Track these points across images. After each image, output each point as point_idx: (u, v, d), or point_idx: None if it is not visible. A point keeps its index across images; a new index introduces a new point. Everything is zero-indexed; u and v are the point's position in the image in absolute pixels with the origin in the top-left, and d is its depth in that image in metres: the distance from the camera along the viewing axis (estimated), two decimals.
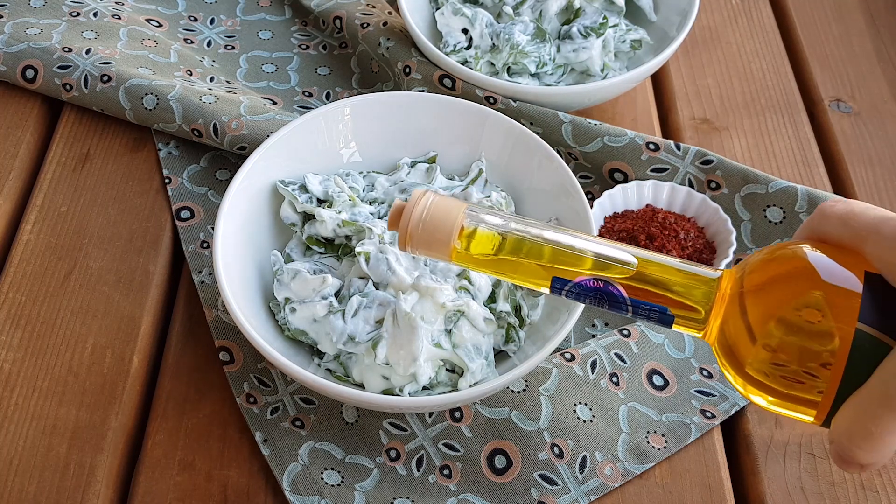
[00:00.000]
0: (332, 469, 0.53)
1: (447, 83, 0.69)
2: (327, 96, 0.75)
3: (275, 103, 0.72)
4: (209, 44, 0.77)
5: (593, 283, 0.44)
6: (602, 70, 0.72)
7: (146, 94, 0.68)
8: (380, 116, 0.62)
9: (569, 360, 0.57)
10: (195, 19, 0.79)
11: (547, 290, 0.46)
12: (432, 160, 0.62)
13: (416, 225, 0.46)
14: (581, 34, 0.71)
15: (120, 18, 0.75)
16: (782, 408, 0.42)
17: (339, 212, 0.57)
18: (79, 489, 0.52)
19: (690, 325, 0.44)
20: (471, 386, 0.53)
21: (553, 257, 0.45)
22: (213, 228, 0.56)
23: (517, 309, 0.57)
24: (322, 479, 0.53)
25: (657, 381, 0.58)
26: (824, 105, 0.76)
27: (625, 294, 0.44)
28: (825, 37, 0.81)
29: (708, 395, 0.58)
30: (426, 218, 0.46)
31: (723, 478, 0.55)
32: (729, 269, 0.43)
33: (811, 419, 0.42)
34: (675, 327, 0.44)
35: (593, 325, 0.61)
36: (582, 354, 0.57)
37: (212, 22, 0.79)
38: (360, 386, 0.54)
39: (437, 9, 0.74)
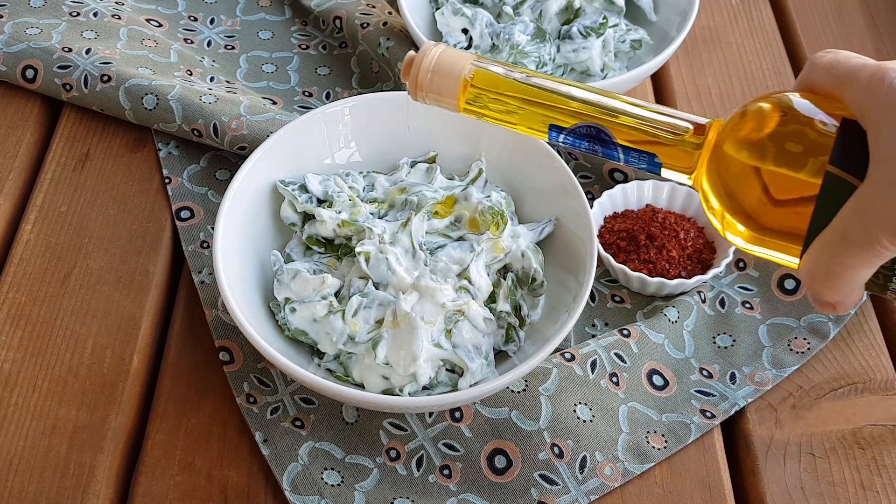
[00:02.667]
0: (332, 469, 0.53)
1: None
2: (327, 96, 0.74)
3: (275, 103, 0.72)
4: (209, 44, 0.77)
5: (587, 130, 0.46)
6: (602, 70, 0.72)
7: (146, 94, 0.68)
8: (380, 116, 0.62)
9: (569, 360, 0.57)
10: (195, 19, 0.79)
11: (545, 138, 0.48)
12: (432, 160, 0.62)
13: (426, 71, 0.48)
14: (581, 34, 0.71)
15: (120, 18, 0.75)
16: (762, 245, 0.44)
17: (339, 212, 0.57)
18: (79, 489, 0.52)
19: (679, 170, 0.46)
20: (471, 386, 0.53)
21: (551, 104, 0.47)
22: (213, 228, 0.56)
23: (517, 309, 0.57)
24: (322, 479, 0.53)
25: (657, 381, 0.58)
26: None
27: (615, 140, 0.46)
28: (825, 37, 0.81)
29: (708, 395, 0.58)
30: (435, 66, 0.48)
31: (723, 478, 0.55)
32: (717, 119, 0.46)
33: (792, 260, 0.43)
34: (664, 172, 0.46)
35: (593, 325, 0.61)
36: (582, 354, 0.57)
37: (212, 22, 0.79)
38: (360, 386, 0.54)
39: (437, 9, 0.74)
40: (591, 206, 0.63)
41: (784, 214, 0.42)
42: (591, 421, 0.55)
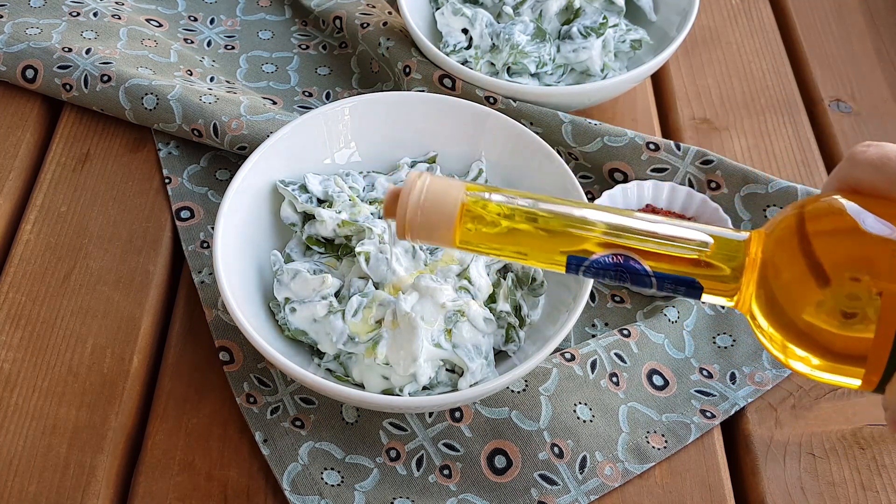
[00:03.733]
0: (332, 469, 0.53)
1: (447, 83, 0.69)
2: (327, 96, 0.75)
3: (275, 103, 0.72)
4: (209, 44, 0.77)
5: (613, 259, 0.41)
6: (602, 70, 0.72)
7: (146, 94, 0.68)
8: (380, 116, 0.62)
9: (569, 360, 0.57)
10: (195, 19, 0.79)
11: (562, 270, 0.42)
12: (432, 160, 0.62)
13: (414, 211, 0.42)
14: (581, 34, 0.71)
15: (120, 18, 0.75)
16: (828, 371, 0.39)
17: (339, 212, 0.57)
18: (79, 489, 0.52)
19: (721, 293, 0.41)
20: (471, 386, 0.53)
21: (565, 233, 0.41)
22: (213, 228, 0.56)
23: (517, 309, 0.57)
24: (322, 479, 0.53)
25: (657, 381, 0.58)
26: (824, 105, 0.76)
27: (647, 268, 0.41)
28: (825, 37, 0.81)
29: (708, 395, 0.58)
30: (424, 203, 0.42)
31: (723, 478, 0.55)
32: (755, 230, 0.40)
33: (858, 384, 0.39)
34: (705, 296, 0.41)
35: (593, 325, 0.61)
36: (582, 354, 0.57)
37: (212, 22, 0.79)
38: (360, 386, 0.54)
39: (437, 9, 0.74)
40: None
41: (855, 339, 0.37)
42: (591, 421, 0.55)
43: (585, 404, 0.56)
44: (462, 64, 0.71)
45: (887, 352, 0.37)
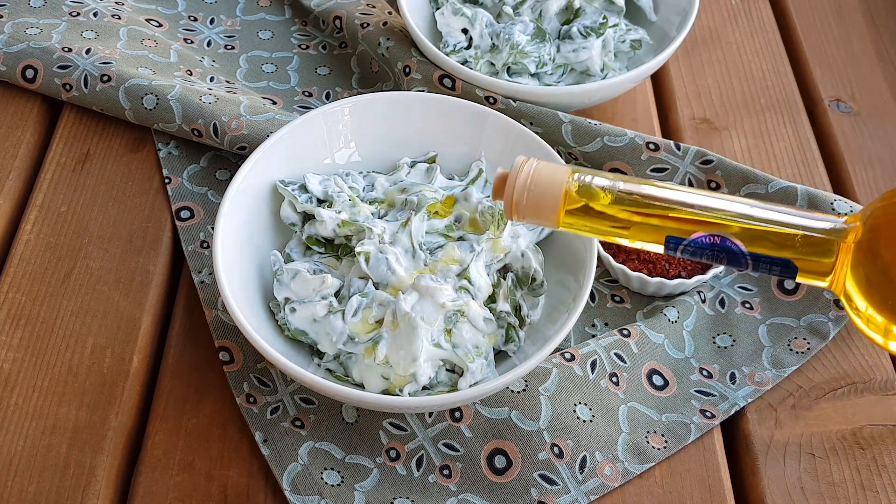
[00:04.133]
0: (332, 469, 0.53)
1: (447, 83, 0.69)
2: (327, 96, 0.75)
3: (275, 103, 0.72)
4: (209, 44, 0.77)
5: (710, 240, 0.43)
6: (602, 70, 0.72)
7: (146, 94, 0.68)
8: (380, 116, 0.62)
9: (569, 360, 0.57)
10: (195, 19, 0.79)
11: (661, 249, 0.45)
12: (432, 160, 0.62)
13: (521, 193, 0.45)
14: (581, 34, 0.71)
15: (120, 18, 0.75)
16: None
17: (339, 212, 0.57)
18: (79, 489, 0.52)
19: (816, 276, 0.43)
20: (470, 386, 0.53)
21: (666, 215, 0.44)
22: (213, 228, 0.56)
23: (517, 309, 0.57)
24: (322, 479, 0.53)
25: (657, 381, 0.58)
26: (824, 105, 0.76)
27: (743, 248, 0.43)
28: (825, 37, 0.81)
29: (708, 395, 0.58)
30: (531, 185, 0.45)
31: (723, 478, 0.55)
32: (852, 214, 0.42)
33: None
34: (799, 278, 0.43)
35: (593, 325, 0.61)
36: (582, 354, 0.57)
37: (212, 22, 0.79)
38: (360, 386, 0.54)
39: (437, 9, 0.74)
40: None
41: None
42: (591, 421, 0.55)
43: (585, 404, 0.56)
44: (462, 64, 0.71)
45: None
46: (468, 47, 0.71)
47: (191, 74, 0.72)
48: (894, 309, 0.40)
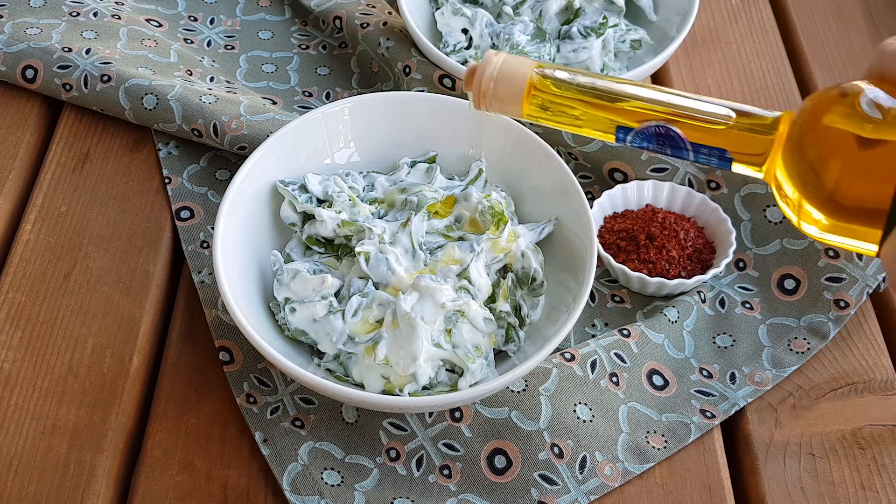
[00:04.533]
0: (332, 469, 0.53)
1: (447, 83, 0.69)
2: (327, 96, 0.75)
3: (275, 103, 0.72)
4: (209, 44, 0.77)
5: (655, 129, 0.47)
6: (602, 70, 0.72)
7: (146, 94, 0.68)
8: (380, 116, 0.62)
9: (569, 360, 0.57)
10: (195, 19, 0.79)
11: (612, 140, 0.49)
12: (432, 160, 0.62)
13: (488, 83, 0.49)
14: (581, 34, 0.71)
15: (120, 18, 0.75)
16: (839, 233, 0.44)
17: (339, 212, 0.57)
18: (79, 489, 0.52)
19: (751, 164, 0.46)
20: (470, 386, 0.53)
21: (617, 106, 0.48)
22: (213, 228, 0.56)
23: (517, 309, 0.57)
24: (322, 479, 0.53)
25: (657, 381, 0.58)
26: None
27: (685, 138, 0.46)
28: (825, 37, 0.81)
29: (708, 395, 0.58)
30: (498, 75, 0.49)
31: (723, 478, 0.55)
32: (788, 111, 0.46)
33: (870, 247, 0.43)
34: (735, 167, 0.46)
35: (593, 325, 0.61)
36: (582, 354, 0.57)
37: (212, 22, 0.79)
38: (360, 386, 0.54)
39: (437, 9, 0.74)
40: (591, 206, 0.63)
41: (864, 199, 0.42)
42: (591, 421, 0.55)
43: (585, 404, 0.56)
44: (462, 64, 0.71)
45: (887, 205, 0.42)
46: (468, 47, 0.71)
47: (191, 74, 0.72)
48: (819, 196, 0.43)
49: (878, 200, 0.42)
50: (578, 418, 0.55)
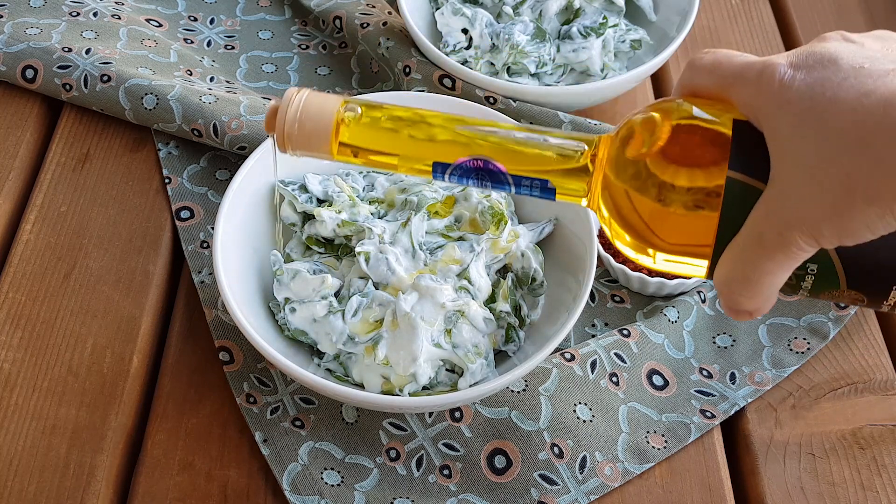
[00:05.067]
0: (332, 469, 0.53)
1: (447, 83, 0.69)
2: None
3: None
4: (209, 44, 0.77)
5: (474, 164, 0.44)
6: (602, 70, 0.72)
7: (146, 94, 0.68)
8: None
9: (569, 360, 0.57)
10: (195, 19, 0.79)
11: (429, 177, 0.45)
12: None
13: (291, 124, 0.44)
14: (581, 34, 0.71)
15: (120, 18, 0.75)
16: (671, 262, 0.42)
17: (339, 212, 0.58)
18: (79, 489, 0.52)
19: (574, 196, 0.44)
20: (471, 386, 0.53)
21: (431, 140, 0.44)
22: (213, 228, 0.56)
23: (517, 309, 0.57)
24: (322, 479, 0.53)
25: (657, 381, 0.58)
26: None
27: (505, 170, 0.44)
28: None
29: (708, 395, 0.58)
30: (301, 116, 0.44)
31: (723, 478, 0.55)
32: (606, 134, 0.44)
33: (699, 272, 0.42)
34: (559, 197, 0.44)
35: (593, 325, 0.61)
36: (582, 354, 0.57)
37: (212, 22, 0.79)
38: (360, 386, 0.54)
39: (437, 9, 0.74)
40: None
41: (688, 228, 0.41)
42: (591, 421, 0.55)
43: (585, 404, 0.56)
44: (462, 64, 0.71)
45: (710, 247, 0.41)
46: (468, 47, 0.71)
47: (191, 74, 0.72)
48: (630, 217, 0.42)
49: (702, 232, 0.40)
50: (578, 418, 0.55)
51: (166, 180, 0.67)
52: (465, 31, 0.72)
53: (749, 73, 0.39)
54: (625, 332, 0.59)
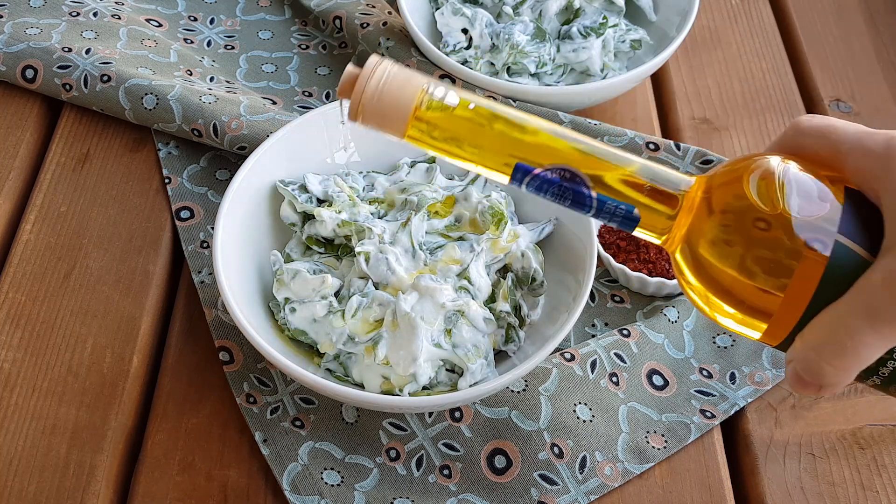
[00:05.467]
0: (332, 469, 0.53)
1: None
2: (327, 96, 0.75)
3: (275, 103, 0.72)
4: (209, 44, 0.77)
5: (559, 174, 0.41)
6: (602, 70, 0.72)
7: (146, 94, 0.68)
8: None
9: (569, 360, 0.57)
10: (195, 19, 0.79)
11: (506, 179, 0.42)
12: (432, 160, 0.62)
13: (371, 95, 0.41)
14: (581, 34, 0.71)
15: (120, 18, 0.75)
16: (737, 322, 0.41)
17: (339, 212, 0.58)
18: (79, 489, 0.52)
19: (653, 231, 0.42)
20: (470, 386, 0.53)
21: (519, 140, 0.41)
22: (213, 228, 0.56)
23: (517, 309, 0.57)
24: (322, 478, 0.53)
25: (657, 381, 0.58)
26: (824, 105, 0.76)
27: (591, 189, 0.41)
28: (825, 37, 0.81)
29: (708, 395, 0.58)
30: (382, 91, 0.41)
31: (723, 478, 0.55)
32: (703, 175, 0.42)
33: (759, 335, 0.41)
34: (636, 231, 0.42)
35: (593, 325, 0.61)
36: (582, 354, 0.57)
37: (212, 22, 0.79)
38: (360, 386, 0.54)
39: (437, 9, 0.74)
40: None
41: (774, 287, 0.39)
42: (590, 421, 0.55)
43: (585, 404, 0.56)
44: (462, 64, 0.71)
45: (799, 313, 0.39)
46: (468, 47, 0.71)
47: (191, 74, 0.72)
48: (711, 269, 0.40)
49: (793, 297, 0.39)
50: (578, 418, 0.55)
51: (166, 180, 0.67)
52: (465, 31, 0.72)
53: (870, 143, 0.39)
54: (625, 332, 0.59)
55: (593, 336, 0.60)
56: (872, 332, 0.37)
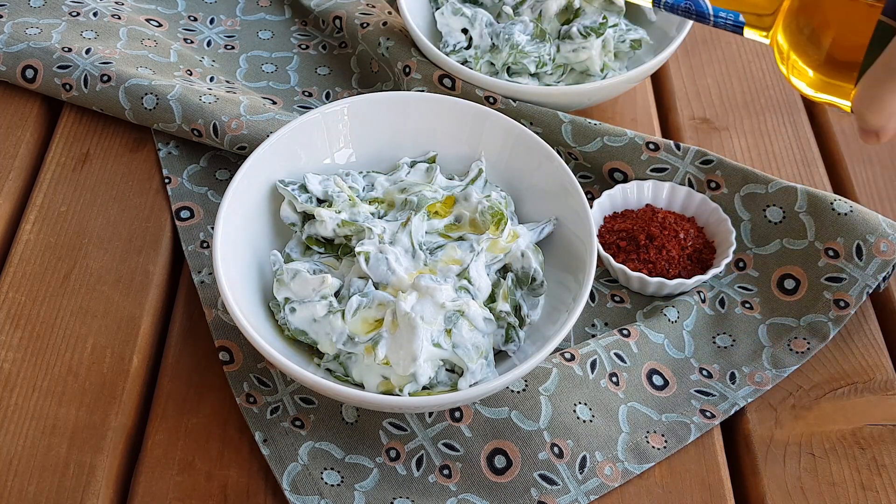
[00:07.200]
0: (332, 469, 0.53)
1: (447, 83, 0.69)
2: (327, 96, 0.75)
3: (275, 103, 0.72)
4: (209, 44, 0.77)
5: None
6: (602, 70, 0.72)
7: (146, 94, 0.68)
8: (379, 116, 0.62)
9: (568, 360, 0.57)
10: (195, 19, 0.79)
11: (650, 1, 0.54)
12: (432, 160, 0.62)
13: None
14: (581, 34, 0.71)
15: (120, 18, 0.75)
16: (823, 90, 0.50)
17: (339, 212, 0.58)
18: (79, 489, 0.52)
19: (758, 31, 0.52)
20: (470, 386, 0.53)
21: None
22: (212, 228, 0.56)
23: (517, 309, 0.57)
24: (322, 478, 0.53)
25: (657, 381, 0.58)
26: (824, 105, 0.76)
27: (709, 4, 0.52)
28: None
29: (708, 395, 0.58)
30: None
31: (723, 478, 0.55)
32: None
33: (848, 103, 0.50)
34: (746, 30, 0.52)
35: (593, 325, 0.61)
36: (582, 354, 0.57)
37: (212, 22, 0.79)
38: (360, 386, 0.54)
39: (437, 9, 0.74)
40: (591, 206, 0.63)
41: (844, 58, 0.48)
42: (590, 421, 0.55)
43: (585, 404, 0.56)
44: (462, 64, 0.71)
45: (858, 65, 0.48)
46: (468, 47, 0.71)
47: (191, 74, 0.72)
48: (803, 49, 0.50)
49: (854, 54, 0.48)
50: (578, 418, 0.55)
51: (166, 180, 0.67)
52: (465, 31, 0.72)
53: None
54: (625, 332, 0.59)
55: (593, 336, 0.60)
56: (893, 81, 0.46)
